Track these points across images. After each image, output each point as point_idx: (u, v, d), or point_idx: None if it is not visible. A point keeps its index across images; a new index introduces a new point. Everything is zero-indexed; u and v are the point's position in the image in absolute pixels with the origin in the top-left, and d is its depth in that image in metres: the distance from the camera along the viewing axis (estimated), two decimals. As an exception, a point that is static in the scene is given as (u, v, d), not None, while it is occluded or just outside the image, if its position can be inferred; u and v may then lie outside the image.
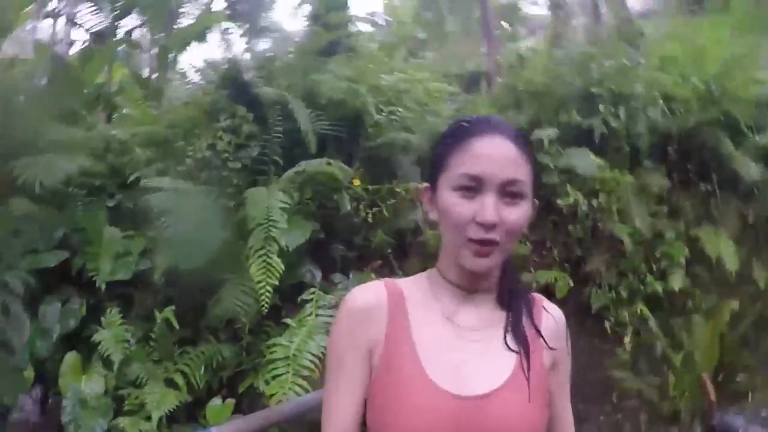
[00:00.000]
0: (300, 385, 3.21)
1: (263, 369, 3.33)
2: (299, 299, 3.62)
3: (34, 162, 4.02)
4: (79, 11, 7.58)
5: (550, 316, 1.12)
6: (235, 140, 4.57)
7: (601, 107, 4.67)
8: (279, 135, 4.55)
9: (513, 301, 1.10)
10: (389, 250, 4.31)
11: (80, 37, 8.40)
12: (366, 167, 4.48)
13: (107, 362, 3.34)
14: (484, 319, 1.07)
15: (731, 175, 4.93)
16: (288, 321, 3.46)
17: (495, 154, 1.00)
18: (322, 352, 3.28)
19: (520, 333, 1.07)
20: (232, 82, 4.80)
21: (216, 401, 3.34)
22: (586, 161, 4.25)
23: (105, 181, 4.58)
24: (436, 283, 1.09)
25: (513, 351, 1.04)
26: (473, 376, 1.01)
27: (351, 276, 3.90)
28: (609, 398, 4.34)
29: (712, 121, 4.94)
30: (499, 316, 1.08)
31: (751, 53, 5.66)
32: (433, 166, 1.08)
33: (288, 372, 3.20)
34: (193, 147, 4.58)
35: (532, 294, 1.15)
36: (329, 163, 3.97)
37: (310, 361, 3.29)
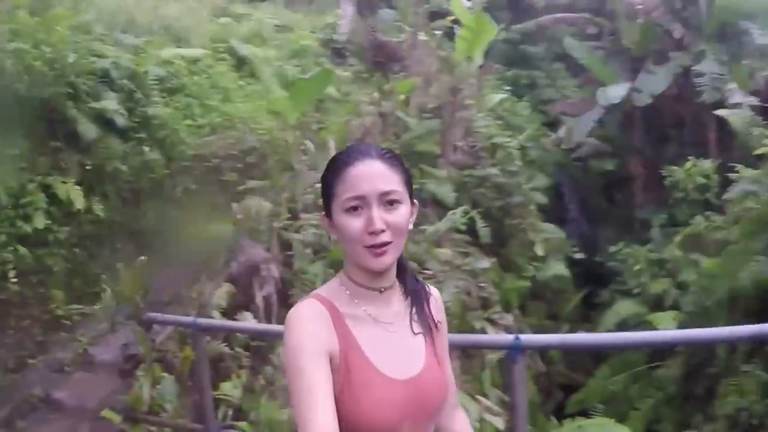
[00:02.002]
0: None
1: None
2: None
3: None
4: None
5: (433, 297, 1.39)
6: None
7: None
8: None
9: (412, 293, 1.35)
10: None
11: None
12: None
13: None
14: (396, 313, 1.31)
15: (74, 133, 6.59)
16: None
17: (368, 174, 1.21)
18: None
19: (425, 318, 1.34)
20: None
21: None
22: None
23: None
24: (351, 289, 1.28)
25: (420, 333, 1.32)
26: (405, 361, 1.26)
27: None
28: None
29: (60, 91, 6.38)
30: (403, 307, 1.33)
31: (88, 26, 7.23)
32: (324, 199, 1.27)
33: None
34: None
35: (421, 282, 1.39)
36: None
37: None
